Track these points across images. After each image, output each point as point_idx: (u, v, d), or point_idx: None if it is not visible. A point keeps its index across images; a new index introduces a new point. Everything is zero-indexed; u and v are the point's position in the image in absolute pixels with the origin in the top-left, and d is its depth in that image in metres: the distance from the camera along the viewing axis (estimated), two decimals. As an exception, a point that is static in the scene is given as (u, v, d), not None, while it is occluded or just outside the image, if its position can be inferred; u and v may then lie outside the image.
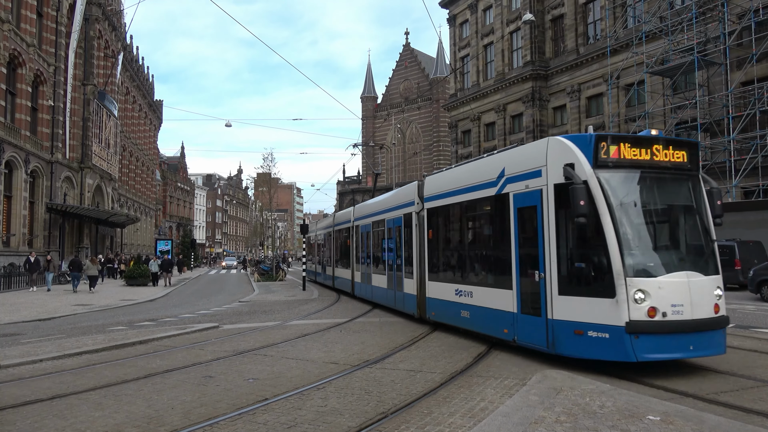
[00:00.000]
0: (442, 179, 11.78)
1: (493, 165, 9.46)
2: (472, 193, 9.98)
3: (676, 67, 24.95)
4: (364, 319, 13.73)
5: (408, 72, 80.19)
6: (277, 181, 50.23)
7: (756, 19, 22.26)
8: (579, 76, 36.74)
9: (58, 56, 32.03)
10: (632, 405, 5.43)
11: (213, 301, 21.33)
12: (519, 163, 8.70)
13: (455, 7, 49.40)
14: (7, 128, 26.47)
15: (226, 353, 9.25)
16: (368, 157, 79.92)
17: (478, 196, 9.73)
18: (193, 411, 5.93)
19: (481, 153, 46.07)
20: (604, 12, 34.61)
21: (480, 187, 9.68)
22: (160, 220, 68.53)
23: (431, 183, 12.14)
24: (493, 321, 9.16)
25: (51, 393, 6.72)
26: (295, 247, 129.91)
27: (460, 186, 10.53)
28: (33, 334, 12.08)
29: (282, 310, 16.57)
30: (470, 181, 10.10)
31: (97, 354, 9.34)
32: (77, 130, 35.34)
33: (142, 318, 15.07)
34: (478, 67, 46.49)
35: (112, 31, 42.28)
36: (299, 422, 5.48)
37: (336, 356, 8.90)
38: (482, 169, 9.84)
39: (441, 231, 11.71)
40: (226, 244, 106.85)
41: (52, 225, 31.34)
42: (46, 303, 19.02)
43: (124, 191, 48.61)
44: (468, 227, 10.84)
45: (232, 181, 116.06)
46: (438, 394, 6.47)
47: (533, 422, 4.97)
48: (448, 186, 11.12)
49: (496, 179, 9.17)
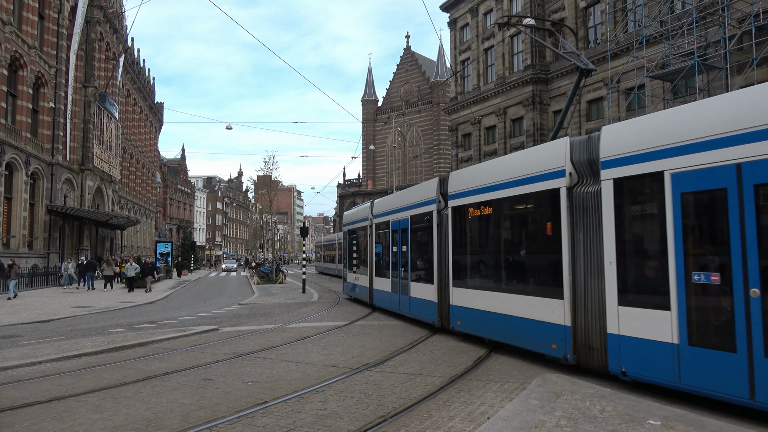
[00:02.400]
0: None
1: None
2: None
3: (677, 71, 24.97)
4: (363, 322, 13.71)
5: (409, 75, 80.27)
6: (278, 183, 50.22)
7: (756, 24, 22.28)
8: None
9: (59, 58, 32.07)
10: (633, 409, 5.41)
11: (213, 303, 21.29)
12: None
13: (456, 11, 49.54)
14: (7, 130, 26.48)
15: (226, 356, 9.23)
16: (368, 161, 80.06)
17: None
18: (192, 414, 5.91)
19: (482, 157, 46.20)
20: (604, 16, 34.69)
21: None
22: (160, 222, 68.50)
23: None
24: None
25: (50, 395, 6.70)
26: (294, 249, 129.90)
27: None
28: (32, 336, 12.06)
29: (282, 312, 16.54)
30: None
31: (96, 356, 9.32)
32: (78, 132, 35.36)
33: (142, 320, 15.05)
34: (479, 71, 46.57)
35: (114, 34, 42.34)
36: (298, 425, 5.46)
37: (336, 359, 8.88)
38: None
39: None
40: (226, 247, 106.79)
41: (52, 227, 31.32)
42: (46, 305, 19.00)
43: (125, 193, 48.61)
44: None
45: (232, 183, 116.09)
46: (438, 397, 6.45)
47: (533, 426, 4.96)
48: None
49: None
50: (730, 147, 5.70)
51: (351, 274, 19.15)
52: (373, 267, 16.21)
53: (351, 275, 19.13)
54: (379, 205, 15.95)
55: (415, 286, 12.72)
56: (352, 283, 18.87)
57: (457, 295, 10.64)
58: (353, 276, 18.64)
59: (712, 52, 24.10)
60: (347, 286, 19.77)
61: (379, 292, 15.65)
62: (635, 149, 6.67)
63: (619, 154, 6.89)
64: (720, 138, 5.81)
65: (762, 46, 22.38)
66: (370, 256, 16.45)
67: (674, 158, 6.19)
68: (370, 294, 16.48)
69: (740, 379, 5.39)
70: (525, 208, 8.94)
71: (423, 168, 75.41)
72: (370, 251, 16.41)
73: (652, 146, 6.47)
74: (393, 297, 14.18)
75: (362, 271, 17.33)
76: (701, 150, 5.96)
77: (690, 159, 6.05)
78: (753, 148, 5.51)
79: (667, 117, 6.80)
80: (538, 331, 8.10)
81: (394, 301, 14.15)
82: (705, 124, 6.02)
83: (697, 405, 5.88)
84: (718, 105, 6.28)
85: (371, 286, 16.38)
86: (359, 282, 17.80)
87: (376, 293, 15.92)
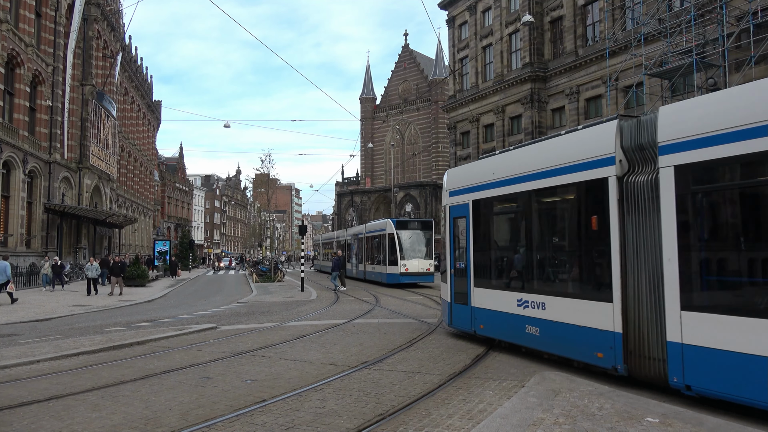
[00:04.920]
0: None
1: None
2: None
3: (675, 69, 24.99)
4: (362, 321, 13.71)
5: (407, 73, 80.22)
6: (276, 182, 50.16)
7: (755, 22, 22.29)
8: (578, 78, 36.82)
9: (57, 56, 31.98)
10: (631, 407, 5.42)
11: (211, 302, 21.29)
12: None
13: (454, 9, 49.47)
14: (5, 128, 26.41)
15: (224, 354, 9.23)
16: (367, 159, 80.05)
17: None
18: (190, 412, 5.91)
19: (480, 154, 46.19)
20: (602, 14, 34.70)
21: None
22: (158, 220, 68.43)
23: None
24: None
25: (48, 394, 6.69)
26: (293, 247, 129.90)
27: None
28: (30, 334, 12.05)
29: (280, 311, 16.54)
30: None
31: (95, 355, 9.31)
32: (75, 131, 35.28)
33: (140, 319, 15.04)
34: (477, 69, 46.54)
35: (111, 32, 42.23)
36: (297, 423, 5.46)
37: (334, 357, 8.88)
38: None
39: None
40: (224, 245, 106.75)
41: (49, 225, 31.28)
42: (44, 303, 18.97)
43: (123, 192, 48.52)
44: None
45: (230, 181, 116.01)
46: (436, 395, 6.46)
47: (532, 424, 4.96)
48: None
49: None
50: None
51: (484, 290, 9.87)
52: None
53: (482, 292, 9.89)
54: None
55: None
56: (489, 308, 9.66)
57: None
58: (488, 295, 9.69)
59: (711, 50, 24.10)
60: (461, 312, 10.41)
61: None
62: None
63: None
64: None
65: (760, 43, 22.39)
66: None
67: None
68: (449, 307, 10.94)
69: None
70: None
71: (421, 166, 75.41)
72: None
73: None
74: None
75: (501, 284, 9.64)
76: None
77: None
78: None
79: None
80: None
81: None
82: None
83: (695, 403, 5.89)
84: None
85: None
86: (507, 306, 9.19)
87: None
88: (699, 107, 6.36)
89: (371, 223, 31.29)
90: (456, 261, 10.70)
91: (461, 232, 10.45)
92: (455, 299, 10.60)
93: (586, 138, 7.74)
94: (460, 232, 10.50)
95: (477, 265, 9.90)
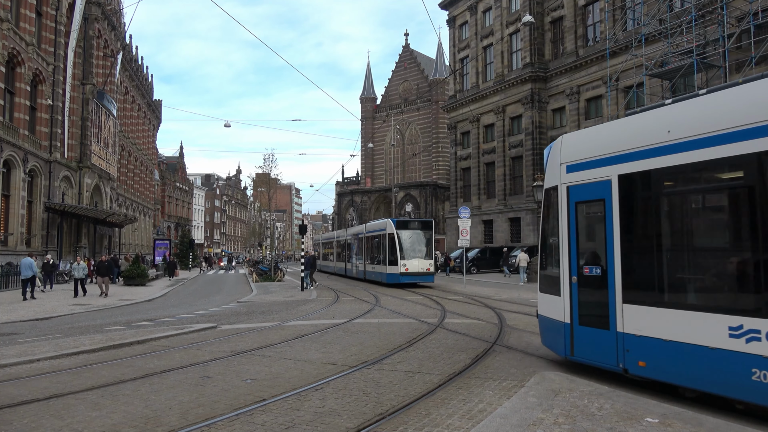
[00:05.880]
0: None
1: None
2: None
3: (675, 69, 24.99)
4: (362, 320, 13.71)
5: (407, 73, 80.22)
6: (276, 181, 50.16)
7: (755, 22, 22.30)
8: (578, 78, 36.82)
9: (57, 55, 32.00)
10: (630, 407, 5.42)
11: (211, 301, 21.29)
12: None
13: (455, 9, 49.47)
14: (5, 127, 26.43)
15: (224, 354, 9.24)
16: (367, 159, 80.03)
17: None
18: (190, 411, 5.91)
19: (480, 155, 46.22)
20: (603, 14, 34.70)
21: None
22: (158, 220, 68.45)
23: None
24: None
25: (48, 393, 6.70)
26: (293, 247, 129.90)
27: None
28: (30, 333, 12.05)
29: (280, 310, 16.54)
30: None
31: (95, 354, 9.31)
32: (76, 130, 35.31)
33: (140, 318, 15.04)
34: (478, 69, 46.53)
35: (112, 31, 42.25)
36: (297, 423, 5.47)
37: (334, 357, 8.89)
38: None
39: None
40: (224, 245, 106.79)
41: (50, 224, 31.29)
42: (44, 303, 18.99)
43: (123, 191, 48.55)
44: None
45: (230, 181, 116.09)
46: (436, 395, 6.46)
47: (531, 424, 4.97)
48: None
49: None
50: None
51: (647, 309, 6.59)
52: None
53: (642, 312, 6.63)
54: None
55: None
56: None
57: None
58: (657, 317, 6.45)
59: (711, 51, 24.10)
60: (595, 339, 7.25)
61: None
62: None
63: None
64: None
65: (761, 44, 22.38)
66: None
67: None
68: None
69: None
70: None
71: (422, 166, 75.42)
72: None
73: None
74: None
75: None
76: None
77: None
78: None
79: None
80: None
81: None
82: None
83: (694, 403, 5.89)
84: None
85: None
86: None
87: None
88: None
89: (371, 223, 31.30)
90: (582, 264, 7.38)
91: (594, 221, 7.42)
92: (580, 320, 7.34)
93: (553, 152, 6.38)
94: (592, 221, 7.51)
95: (631, 270, 6.66)
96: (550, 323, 8.06)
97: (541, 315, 8.42)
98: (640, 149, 6.53)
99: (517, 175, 42.27)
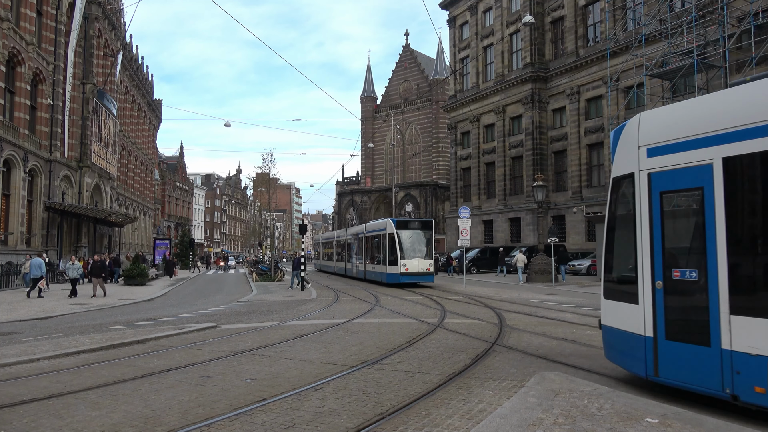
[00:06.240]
0: None
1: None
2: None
3: (676, 69, 25.00)
4: (362, 320, 13.71)
5: (408, 73, 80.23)
6: (276, 181, 50.16)
7: (756, 23, 22.30)
8: (578, 78, 36.82)
9: (58, 55, 31.99)
10: (630, 407, 5.42)
11: (211, 301, 21.29)
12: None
13: (455, 9, 49.47)
14: (5, 126, 26.42)
15: (224, 353, 9.23)
16: (367, 159, 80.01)
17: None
18: (190, 411, 5.91)
19: (481, 155, 46.22)
20: (603, 14, 34.71)
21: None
22: (158, 219, 68.44)
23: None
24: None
25: (48, 392, 6.70)
26: (293, 247, 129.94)
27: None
28: (30, 333, 12.05)
29: (280, 310, 16.55)
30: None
31: (95, 353, 9.31)
32: (76, 129, 35.31)
33: (140, 317, 15.05)
34: (478, 69, 46.53)
35: (112, 30, 42.25)
36: (297, 423, 5.47)
37: (334, 357, 8.88)
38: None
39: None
40: (224, 244, 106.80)
41: (50, 224, 31.29)
42: (44, 302, 18.98)
43: (123, 190, 48.55)
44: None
45: (231, 181, 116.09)
46: (436, 395, 6.46)
47: (531, 424, 4.96)
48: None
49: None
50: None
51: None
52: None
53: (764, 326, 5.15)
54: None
55: None
56: None
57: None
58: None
59: (712, 51, 24.09)
60: (692, 357, 5.81)
61: None
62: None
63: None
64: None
65: (761, 44, 22.38)
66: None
67: None
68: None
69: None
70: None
71: (422, 166, 75.43)
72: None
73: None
74: None
75: None
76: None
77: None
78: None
79: None
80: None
81: None
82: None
83: (694, 403, 5.89)
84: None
85: None
86: None
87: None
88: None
89: (371, 223, 31.30)
90: (670, 266, 6.04)
91: (687, 215, 6.21)
92: (668, 333, 6.02)
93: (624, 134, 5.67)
94: (685, 215, 6.30)
95: (742, 273, 5.49)
96: (621, 336, 6.64)
97: (607, 326, 7.01)
98: (757, 125, 5.23)
99: (517, 175, 42.28)
